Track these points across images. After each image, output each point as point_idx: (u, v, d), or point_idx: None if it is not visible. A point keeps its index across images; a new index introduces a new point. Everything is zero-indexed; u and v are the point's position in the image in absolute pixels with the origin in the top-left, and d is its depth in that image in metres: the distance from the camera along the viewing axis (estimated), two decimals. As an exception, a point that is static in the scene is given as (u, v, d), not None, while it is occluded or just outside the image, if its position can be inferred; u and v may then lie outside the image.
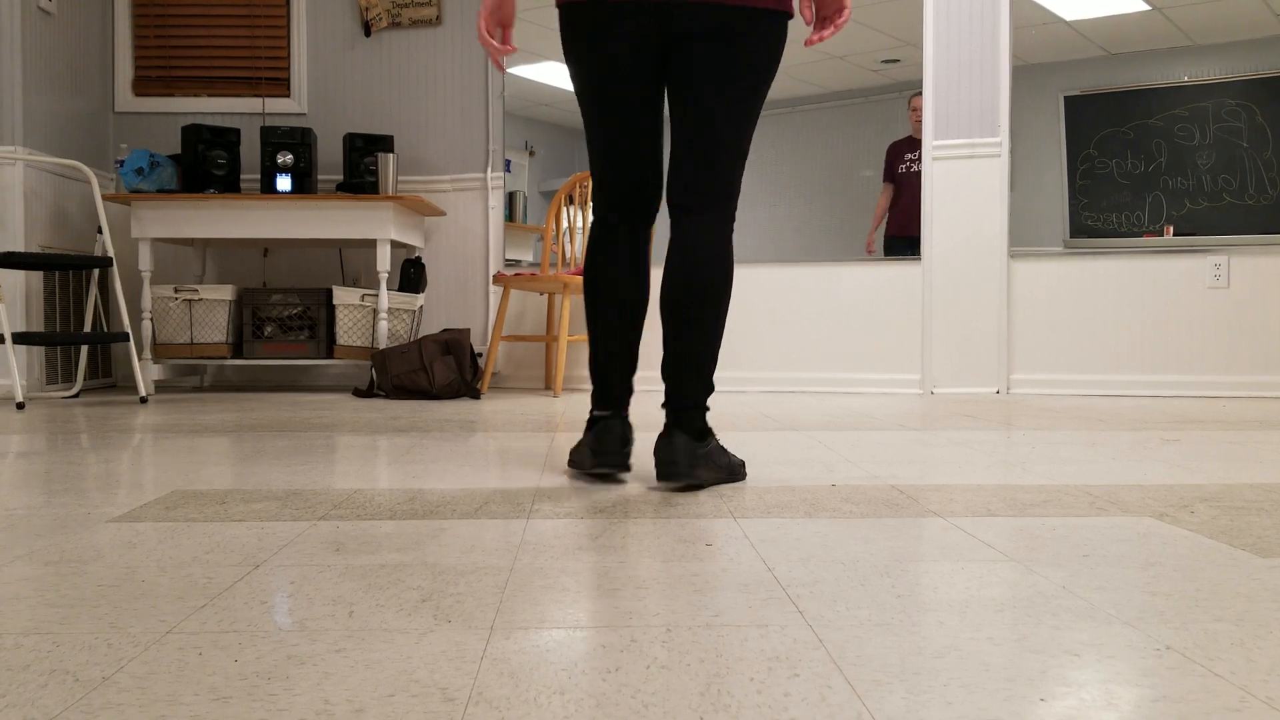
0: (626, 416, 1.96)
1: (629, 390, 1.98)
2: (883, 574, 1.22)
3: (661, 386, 4.41)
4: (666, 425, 1.87)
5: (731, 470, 1.93)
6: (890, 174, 4.41)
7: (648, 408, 3.58)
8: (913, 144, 4.38)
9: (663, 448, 1.83)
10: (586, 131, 1.96)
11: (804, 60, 4.44)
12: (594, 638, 0.98)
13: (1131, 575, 1.21)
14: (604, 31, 1.84)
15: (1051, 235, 4.26)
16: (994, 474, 2.01)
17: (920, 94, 4.37)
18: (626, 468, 1.91)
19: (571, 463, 2.02)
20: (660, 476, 1.82)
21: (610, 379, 1.96)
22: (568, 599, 1.11)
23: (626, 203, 1.95)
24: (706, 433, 1.90)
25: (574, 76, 1.93)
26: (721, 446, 1.94)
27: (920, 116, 4.36)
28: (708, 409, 1.92)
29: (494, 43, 1.91)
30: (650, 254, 2.00)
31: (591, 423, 1.96)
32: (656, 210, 1.99)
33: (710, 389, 1.91)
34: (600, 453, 1.90)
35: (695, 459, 1.83)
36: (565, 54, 1.92)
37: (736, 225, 4.50)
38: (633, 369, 1.98)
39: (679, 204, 1.91)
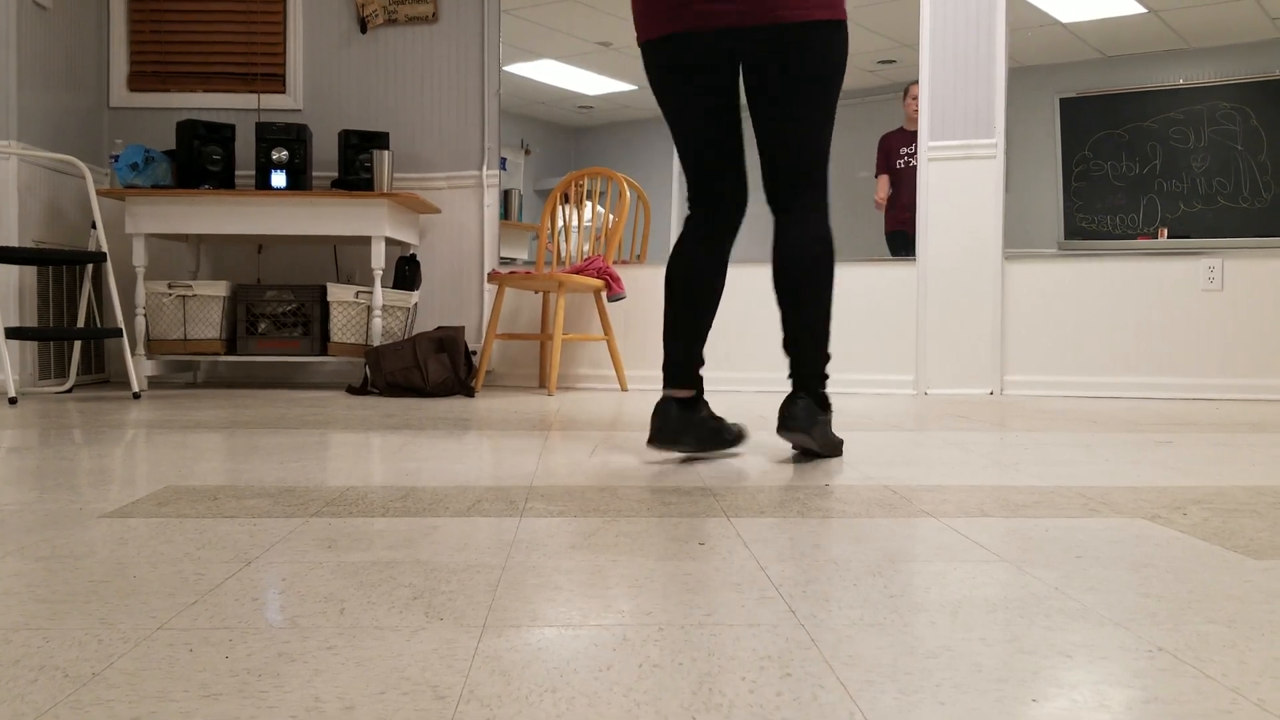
0: (701, 396, 2.18)
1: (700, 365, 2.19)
2: (875, 574, 1.22)
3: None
4: (793, 389, 2.13)
5: (834, 448, 2.18)
6: (888, 166, 4.41)
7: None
8: (907, 137, 4.38)
9: (787, 405, 2.06)
10: (677, 143, 2.19)
11: (800, 60, 4.44)
12: (586, 636, 0.98)
13: (1124, 577, 1.21)
14: (683, 62, 2.07)
15: (1046, 237, 4.27)
16: (987, 475, 2.01)
17: (917, 83, 4.37)
18: (676, 442, 2.12)
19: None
20: (780, 428, 2.06)
21: (689, 359, 2.17)
22: (560, 597, 1.11)
23: (719, 205, 2.18)
24: (826, 403, 2.17)
25: (661, 100, 2.16)
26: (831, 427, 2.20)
27: (916, 106, 4.36)
28: (827, 376, 2.15)
29: None
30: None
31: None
32: (743, 214, 2.22)
33: (828, 359, 2.14)
34: (656, 427, 2.11)
35: (815, 420, 2.06)
36: (651, 82, 2.16)
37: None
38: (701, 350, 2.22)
39: (778, 204, 2.15)
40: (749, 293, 4.47)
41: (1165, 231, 4.16)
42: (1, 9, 3.95)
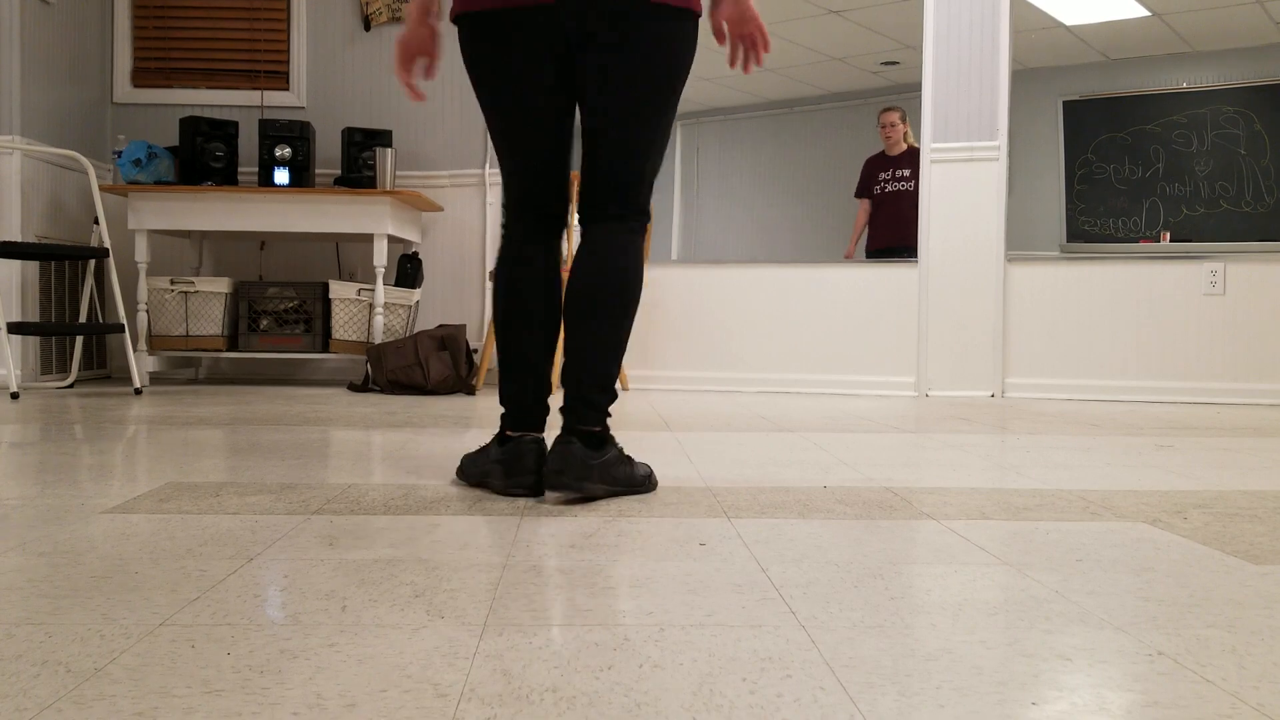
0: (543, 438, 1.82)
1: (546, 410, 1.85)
2: (876, 576, 1.22)
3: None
4: (562, 430, 1.77)
5: (632, 481, 1.79)
6: (866, 191, 4.44)
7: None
8: (886, 161, 4.40)
9: (554, 455, 1.71)
10: (495, 145, 1.88)
11: (803, 61, 4.45)
12: (587, 636, 0.98)
13: (1124, 580, 1.21)
14: (505, 42, 1.75)
15: (1048, 240, 4.27)
16: (988, 477, 2.01)
17: (890, 109, 4.39)
18: (540, 491, 1.76)
19: (466, 475, 1.85)
20: (547, 485, 1.70)
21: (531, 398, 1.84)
22: (561, 597, 1.11)
23: (541, 219, 1.86)
24: (605, 440, 1.77)
25: (479, 89, 1.83)
26: (624, 456, 1.80)
27: (889, 133, 4.38)
28: (609, 414, 1.79)
29: (410, 81, 1.82)
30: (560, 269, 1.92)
31: (502, 440, 1.82)
32: (566, 223, 1.91)
33: (613, 395, 1.79)
34: (513, 473, 1.75)
35: (587, 469, 1.70)
36: (469, 67, 1.82)
37: (734, 224, 4.51)
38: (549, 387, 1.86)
39: (590, 210, 1.85)
40: (753, 293, 4.47)
41: (1168, 235, 4.16)
42: (6, 4, 3.96)
